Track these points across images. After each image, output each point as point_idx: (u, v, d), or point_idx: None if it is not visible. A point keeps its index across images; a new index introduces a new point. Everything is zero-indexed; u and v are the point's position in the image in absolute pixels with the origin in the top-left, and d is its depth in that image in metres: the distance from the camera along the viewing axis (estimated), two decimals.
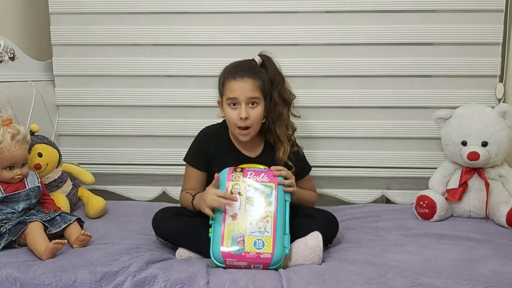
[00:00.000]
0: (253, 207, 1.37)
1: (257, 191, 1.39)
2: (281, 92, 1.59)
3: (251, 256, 1.32)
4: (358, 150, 2.00)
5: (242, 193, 1.38)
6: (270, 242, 1.33)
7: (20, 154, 1.53)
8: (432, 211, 1.73)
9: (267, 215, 1.36)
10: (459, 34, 1.91)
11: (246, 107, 1.50)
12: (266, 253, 1.32)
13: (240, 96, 1.50)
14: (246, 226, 1.35)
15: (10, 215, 1.51)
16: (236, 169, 1.42)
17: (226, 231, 1.35)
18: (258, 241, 1.33)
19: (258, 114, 1.53)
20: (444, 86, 1.94)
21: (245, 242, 1.33)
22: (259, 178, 1.40)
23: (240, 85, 1.51)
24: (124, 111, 2.05)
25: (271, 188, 1.38)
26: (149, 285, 1.24)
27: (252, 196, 1.38)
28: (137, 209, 1.89)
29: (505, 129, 1.72)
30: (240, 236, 1.34)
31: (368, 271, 1.29)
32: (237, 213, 1.36)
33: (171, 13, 1.97)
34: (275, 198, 1.37)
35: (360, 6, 1.91)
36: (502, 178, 1.77)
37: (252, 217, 1.36)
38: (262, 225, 1.35)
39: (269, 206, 1.37)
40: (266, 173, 1.41)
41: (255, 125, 1.54)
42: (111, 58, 2.01)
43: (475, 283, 1.22)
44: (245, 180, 1.40)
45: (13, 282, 1.23)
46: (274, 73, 1.59)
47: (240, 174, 1.40)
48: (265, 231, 1.34)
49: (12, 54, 1.89)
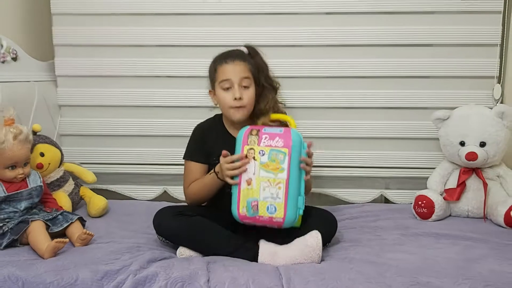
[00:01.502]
0: (267, 173, 1.39)
1: (270, 157, 1.39)
2: (267, 78, 1.65)
3: (265, 219, 1.39)
4: (357, 150, 2.01)
5: (256, 158, 1.40)
6: (282, 208, 1.38)
7: (23, 153, 1.54)
8: (430, 210, 1.74)
9: (279, 181, 1.38)
10: (458, 35, 1.92)
11: (239, 88, 1.55)
12: (278, 217, 1.38)
13: (233, 77, 1.55)
14: (260, 192, 1.39)
15: (12, 214, 1.52)
16: (252, 131, 1.43)
17: (242, 195, 1.40)
18: (271, 206, 1.38)
19: (251, 95, 1.57)
20: (443, 87, 1.95)
21: (258, 207, 1.39)
22: (273, 142, 1.40)
23: (232, 67, 1.56)
24: (125, 111, 2.06)
25: (285, 154, 1.39)
26: (150, 284, 1.25)
27: (265, 162, 1.39)
28: (138, 209, 1.90)
29: (503, 129, 1.73)
30: (254, 201, 1.39)
31: (367, 270, 1.30)
32: (252, 178, 1.40)
33: (172, 14, 1.98)
34: (288, 165, 1.38)
35: (360, 8, 1.92)
36: (500, 178, 1.78)
37: (266, 183, 1.39)
38: (274, 191, 1.38)
39: (281, 172, 1.38)
40: (280, 136, 1.41)
41: (248, 106, 1.57)
42: (112, 59, 2.02)
43: (473, 282, 1.23)
44: (260, 144, 1.41)
45: (15, 280, 1.24)
46: (260, 61, 1.65)
47: (255, 138, 1.41)
48: (277, 197, 1.38)
49: (15, 55, 1.90)
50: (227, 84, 1.55)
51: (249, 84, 1.57)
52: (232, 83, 1.55)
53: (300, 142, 1.41)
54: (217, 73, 1.59)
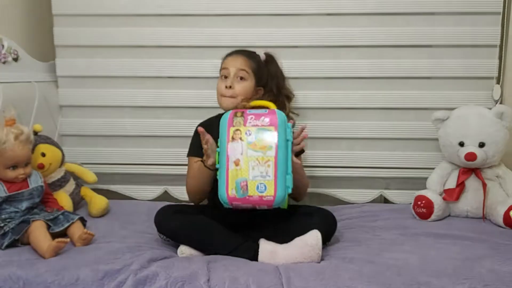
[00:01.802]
0: (255, 152, 1.37)
1: (257, 136, 1.38)
2: (281, 87, 1.72)
3: (255, 199, 1.36)
4: (357, 151, 2.02)
5: (243, 138, 1.38)
6: (272, 185, 1.36)
7: (24, 154, 1.55)
8: (429, 211, 1.74)
9: (268, 159, 1.36)
10: (457, 36, 1.92)
11: (233, 79, 1.63)
12: (268, 195, 1.36)
13: (230, 67, 1.64)
14: (249, 171, 1.37)
15: (14, 214, 1.52)
16: (237, 113, 1.41)
17: (230, 176, 1.37)
18: (260, 185, 1.36)
19: (244, 88, 1.63)
20: (442, 88, 1.95)
21: (248, 187, 1.36)
22: (259, 122, 1.39)
23: (233, 59, 1.67)
24: (126, 111, 2.06)
25: (271, 131, 1.38)
26: (150, 283, 1.25)
27: (253, 141, 1.38)
28: (139, 208, 1.90)
29: (502, 130, 1.73)
30: (243, 181, 1.36)
31: (367, 270, 1.30)
32: (240, 159, 1.37)
33: (174, 15, 1.98)
34: (276, 142, 1.37)
35: (360, 9, 1.93)
36: (499, 179, 1.78)
37: (254, 162, 1.37)
38: (264, 170, 1.36)
39: (269, 150, 1.37)
40: (266, 116, 1.40)
41: (239, 97, 1.63)
42: (113, 60, 2.03)
43: (473, 282, 1.23)
44: (246, 125, 1.39)
45: (16, 280, 1.24)
46: (276, 69, 1.75)
47: (241, 119, 1.40)
48: (266, 175, 1.36)
49: (16, 55, 1.90)
50: (225, 73, 1.65)
51: (246, 78, 1.64)
52: (229, 72, 1.64)
53: (285, 119, 1.41)
54: (221, 65, 1.69)
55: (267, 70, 1.72)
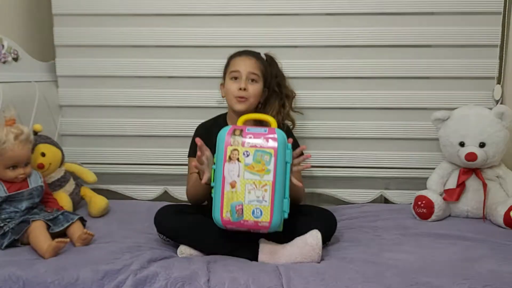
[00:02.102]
0: (252, 175, 1.33)
1: (255, 158, 1.33)
2: (282, 87, 1.74)
3: (250, 223, 1.33)
4: (357, 151, 2.02)
5: (240, 159, 1.33)
6: (268, 211, 1.32)
7: (23, 153, 1.55)
8: (430, 211, 1.74)
9: (265, 183, 1.32)
10: (458, 36, 1.92)
11: (246, 80, 1.62)
12: (264, 221, 1.32)
13: (242, 69, 1.63)
14: (245, 195, 1.32)
15: (13, 214, 1.52)
16: (235, 131, 1.35)
17: (226, 199, 1.33)
18: (256, 210, 1.32)
19: (256, 90, 1.64)
20: (442, 88, 1.95)
21: (243, 211, 1.32)
22: (258, 142, 1.33)
23: (244, 60, 1.66)
24: (126, 111, 2.06)
25: (270, 155, 1.32)
26: (150, 283, 1.25)
27: (250, 163, 1.33)
28: (139, 208, 1.90)
29: (503, 130, 1.73)
30: (239, 204, 1.32)
31: (367, 270, 1.30)
32: (236, 181, 1.33)
33: (173, 15, 1.98)
34: (274, 166, 1.32)
35: (360, 9, 1.92)
36: (500, 179, 1.78)
37: (251, 185, 1.33)
38: (260, 194, 1.32)
39: (267, 174, 1.32)
40: (265, 136, 1.34)
41: (251, 99, 1.63)
42: (113, 59, 2.02)
43: (473, 282, 1.24)
44: (244, 145, 1.33)
45: (16, 280, 1.24)
46: (277, 69, 1.77)
47: (239, 138, 1.34)
48: (263, 200, 1.32)
49: (16, 55, 1.90)
50: (236, 75, 1.64)
51: (257, 80, 1.65)
52: (241, 74, 1.63)
53: (285, 141, 1.36)
54: (229, 65, 1.69)
55: (270, 69, 1.73)
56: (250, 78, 1.63)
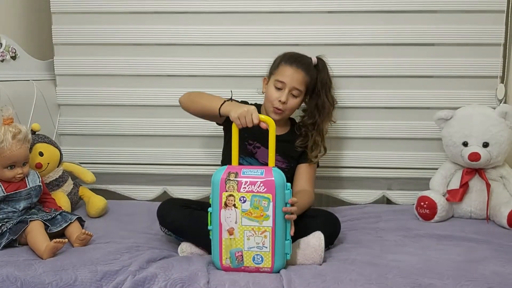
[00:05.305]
0: (250, 221, 1.30)
1: (253, 203, 1.29)
2: (327, 94, 1.73)
3: (251, 269, 1.32)
4: (359, 151, 2.00)
5: (237, 205, 1.29)
6: (269, 257, 1.30)
7: (21, 153, 1.54)
8: (433, 211, 1.73)
9: (264, 230, 1.29)
10: (461, 35, 1.90)
11: (288, 94, 1.63)
12: (265, 267, 1.31)
13: (288, 82, 1.63)
14: (244, 241, 1.30)
15: (11, 214, 1.51)
16: (230, 174, 1.31)
17: (224, 246, 1.31)
18: (257, 257, 1.31)
19: (295, 105, 1.67)
20: (446, 87, 1.94)
21: (243, 258, 1.31)
22: (255, 188, 1.29)
23: (293, 73, 1.64)
24: (125, 110, 2.05)
25: (269, 200, 1.28)
26: (149, 285, 1.25)
27: (248, 209, 1.29)
28: (137, 209, 1.90)
29: (506, 130, 1.72)
30: (239, 251, 1.31)
31: (369, 272, 1.29)
32: (234, 227, 1.30)
33: (172, 13, 1.97)
34: (273, 211, 1.28)
35: (362, 7, 1.91)
36: (503, 179, 1.77)
37: (250, 232, 1.30)
38: (260, 240, 1.30)
39: (266, 220, 1.29)
40: (262, 180, 1.29)
41: (287, 111, 1.67)
42: (112, 58, 2.01)
43: (476, 284, 1.22)
44: (240, 190, 1.29)
45: (13, 281, 1.23)
46: (326, 76, 1.74)
47: (234, 183, 1.30)
48: (263, 247, 1.30)
49: (14, 53, 1.90)
50: (280, 86, 1.64)
51: (298, 95, 1.66)
52: (285, 86, 1.63)
53: (283, 183, 1.31)
54: (278, 69, 1.68)
55: (317, 76, 1.70)
56: (292, 92, 1.64)
